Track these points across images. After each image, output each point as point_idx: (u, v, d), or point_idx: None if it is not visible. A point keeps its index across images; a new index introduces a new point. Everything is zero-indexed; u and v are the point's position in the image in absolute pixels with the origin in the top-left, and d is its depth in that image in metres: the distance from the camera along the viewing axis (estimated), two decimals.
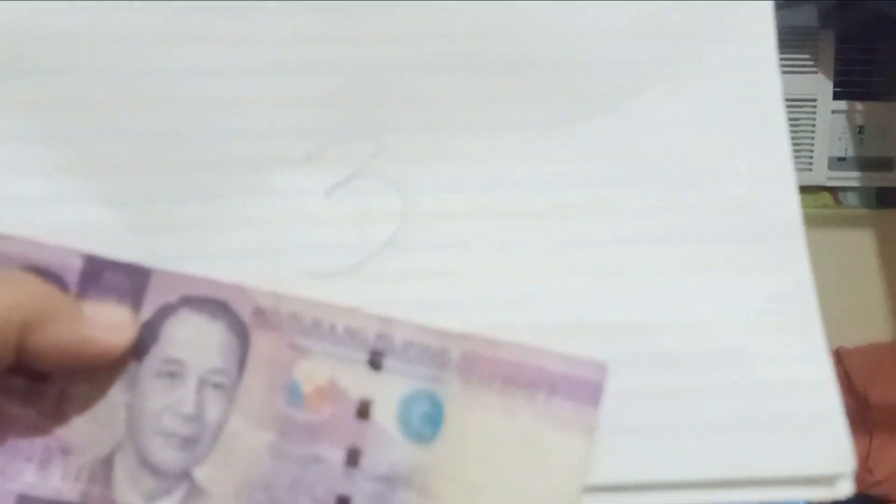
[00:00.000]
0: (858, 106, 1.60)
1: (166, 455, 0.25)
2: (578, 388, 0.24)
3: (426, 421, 0.25)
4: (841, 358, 1.79)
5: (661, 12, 0.28)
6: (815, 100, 1.56)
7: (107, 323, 0.25)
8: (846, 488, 0.26)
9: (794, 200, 0.28)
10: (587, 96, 0.28)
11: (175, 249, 0.27)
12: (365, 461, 0.25)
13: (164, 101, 0.28)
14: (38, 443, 0.25)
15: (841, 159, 1.62)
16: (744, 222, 0.28)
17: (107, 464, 0.25)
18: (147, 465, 0.25)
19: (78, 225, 0.27)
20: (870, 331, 1.84)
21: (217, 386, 0.25)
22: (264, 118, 0.28)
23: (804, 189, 0.28)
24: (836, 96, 1.57)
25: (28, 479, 0.25)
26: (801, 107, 1.55)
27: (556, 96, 0.28)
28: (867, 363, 1.77)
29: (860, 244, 1.73)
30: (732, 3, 0.29)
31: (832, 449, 0.26)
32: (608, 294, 0.27)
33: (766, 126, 0.28)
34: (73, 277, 0.26)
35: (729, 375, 0.26)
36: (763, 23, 0.29)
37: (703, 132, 0.28)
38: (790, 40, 1.49)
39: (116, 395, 0.26)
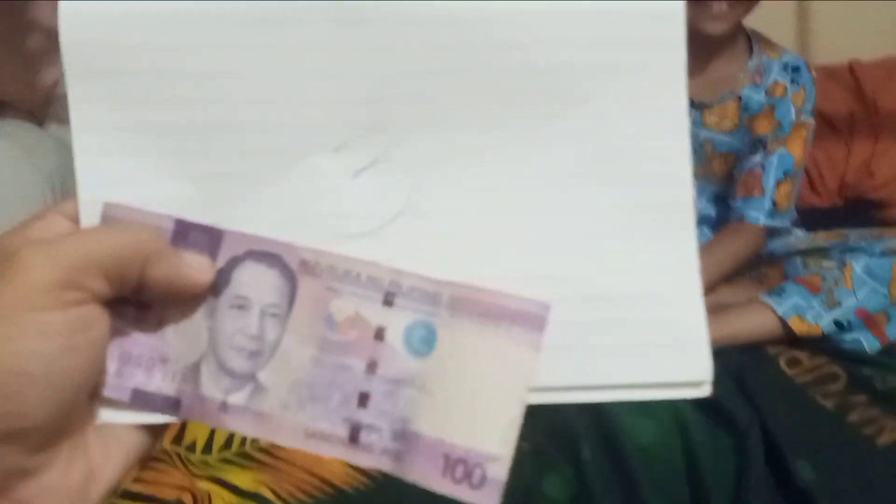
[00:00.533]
0: None
1: (238, 363, 0.35)
2: (530, 319, 0.34)
3: (423, 342, 0.35)
4: (854, 70, 1.91)
5: (600, 34, 0.36)
6: None
7: (194, 267, 0.35)
8: (707, 390, 0.36)
9: (688, 179, 0.37)
10: (553, 99, 0.37)
11: (239, 214, 0.36)
12: (380, 369, 0.35)
13: (230, 100, 0.36)
14: (144, 353, 0.35)
15: None
16: (651, 195, 0.37)
17: (195, 369, 0.35)
18: (224, 369, 0.35)
19: (168, 196, 0.36)
20: (887, 46, 1.94)
21: (273, 315, 0.35)
22: (306, 114, 0.36)
23: None
24: None
25: (138, 379, 0.35)
26: None
27: (533, 98, 0.37)
28: (880, 73, 1.89)
29: None
30: (649, 22, 0.36)
31: (698, 363, 0.36)
32: (551, 251, 0.37)
33: (672, 118, 0.37)
34: (168, 235, 0.35)
35: (633, 311, 0.36)
36: (675, 33, 0.37)
37: (627, 126, 0.37)
38: None
39: (200, 320, 0.36)
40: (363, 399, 0.35)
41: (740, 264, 1.45)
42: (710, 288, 1.37)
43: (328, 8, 0.36)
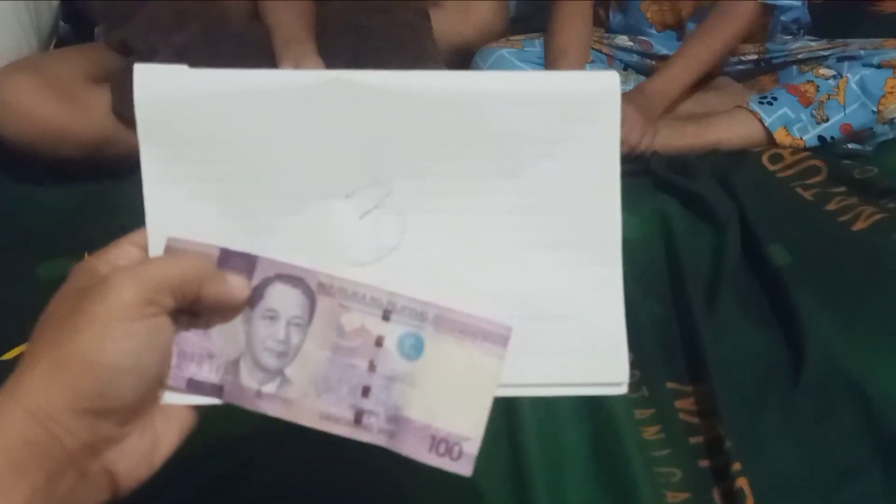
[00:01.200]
0: None
1: (269, 361, 0.46)
2: (497, 337, 0.45)
3: (413, 348, 0.46)
4: None
5: (545, 111, 0.46)
6: None
7: (234, 286, 0.45)
8: (624, 389, 0.48)
9: (617, 224, 0.47)
10: (510, 159, 0.46)
11: (269, 244, 0.46)
12: (379, 368, 0.45)
13: (261, 156, 0.46)
14: (196, 350, 0.45)
15: None
16: (587, 236, 0.47)
17: (235, 364, 0.46)
18: (259, 366, 0.46)
19: (215, 229, 0.46)
20: None
21: (297, 325, 0.45)
22: (322, 169, 0.46)
23: None
24: None
25: (191, 370, 0.46)
26: None
27: (495, 158, 0.46)
28: None
29: None
30: (589, 102, 0.46)
31: (618, 367, 0.47)
32: (509, 278, 0.47)
33: (607, 178, 0.47)
34: (214, 261, 0.45)
35: (568, 326, 0.47)
36: (610, 114, 0.46)
37: (569, 182, 0.47)
38: None
39: (238, 326, 0.46)
40: (365, 391, 0.45)
41: (727, 51, 1.45)
42: (692, 82, 1.41)
43: (334, 85, 0.45)
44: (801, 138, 1.33)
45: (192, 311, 0.45)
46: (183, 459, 0.45)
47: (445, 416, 0.45)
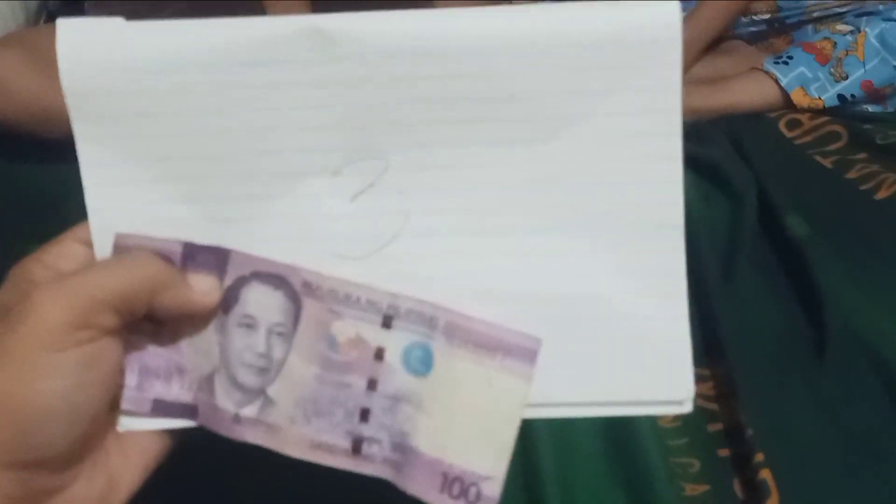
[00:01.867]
0: None
1: (248, 378, 0.38)
2: (523, 353, 0.37)
3: (421, 363, 0.38)
4: None
5: (589, 55, 0.36)
6: None
7: (201, 289, 0.37)
8: (689, 406, 0.39)
9: (679, 201, 0.38)
10: (535, 122, 0.37)
11: (240, 236, 0.38)
12: (380, 387, 0.38)
13: (228, 130, 0.37)
14: (162, 364, 0.38)
15: None
16: (641, 216, 0.38)
17: (209, 380, 0.38)
18: (236, 384, 0.38)
19: (175, 220, 0.38)
20: None
21: (279, 334, 0.38)
22: (301, 141, 0.37)
23: None
24: None
25: (158, 389, 0.38)
26: None
27: (514, 122, 0.37)
28: None
29: None
30: (645, 42, 0.36)
31: (681, 382, 0.39)
32: (539, 271, 0.38)
33: (666, 140, 0.37)
34: (176, 258, 0.37)
35: (619, 332, 0.38)
36: (671, 57, 0.36)
37: (617, 147, 0.37)
38: None
39: (211, 335, 0.38)
40: (364, 414, 0.38)
41: (738, 14, 1.38)
42: (721, 31, 1.34)
43: (314, 45, 0.36)
44: (820, 98, 1.26)
45: (155, 318, 0.37)
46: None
47: (459, 449, 0.37)
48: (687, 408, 0.39)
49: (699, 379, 0.91)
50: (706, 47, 1.33)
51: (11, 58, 1.15)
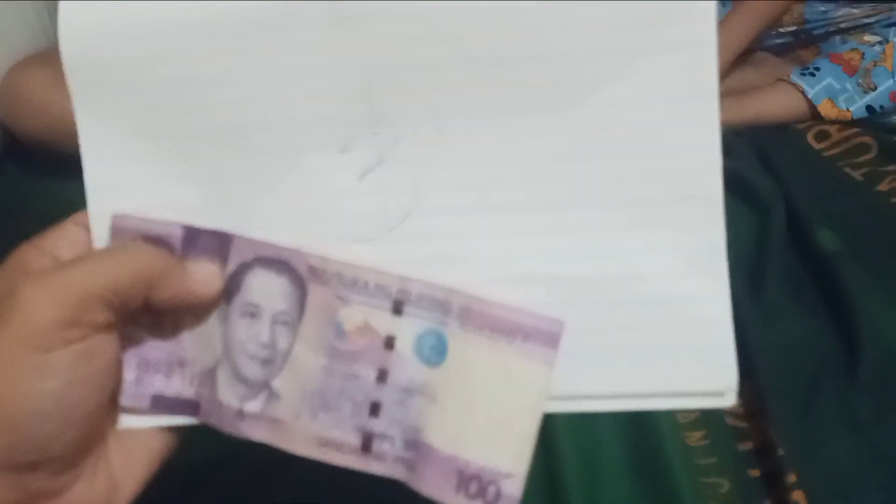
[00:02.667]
0: None
1: (251, 370, 0.36)
2: (544, 336, 0.34)
3: (434, 351, 0.35)
4: None
5: (618, 13, 0.33)
6: None
7: (202, 277, 0.35)
8: (732, 399, 0.35)
9: (717, 169, 0.34)
10: (561, 86, 0.34)
11: (243, 218, 0.36)
12: (391, 378, 0.35)
13: (228, 104, 0.35)
14: (162, 358, 0.36)
15: None
16: (676, 187, 0.35)
17: (211, 374, 0.36)
18: (239, 377, 0.36)
19: (176, 201, 0.36)
20: None
21: (284, 323, 0.35)
22: (306, 113, 0.35)
23: None
24: None
25: (157, 385, 0.36)
26: None
27: (538, 87, 0.34)
28: None
29: None
30: (681, 7, 0.33)
31: (724, 372, 0.35)
32: (569, 250, 0.35)
33: (701, 102, 0.34)
34: (176, 242, 0.35)
35: (654, 315, 0.35)
36: (706, 12, 0.34)
37: (651, 114, 0.34)
38: None
39: (214, 326, 0.36)
40: (374, 408, 0.35)
41: (780, 13, 1.36)
42: (738, 50, 1.31)
43: (319, 8, 0.34)
44: (848, 109, 1.24)
45: (155, 309, 0.35)
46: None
47: (476, 444, 0.34)
48: (730, 400, 0.35)
49: None
50: (735, 60, 1.31)
51: (41, 75, 1.17)
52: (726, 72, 1.30)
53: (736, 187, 1.13)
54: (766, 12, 1.30)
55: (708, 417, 0.86)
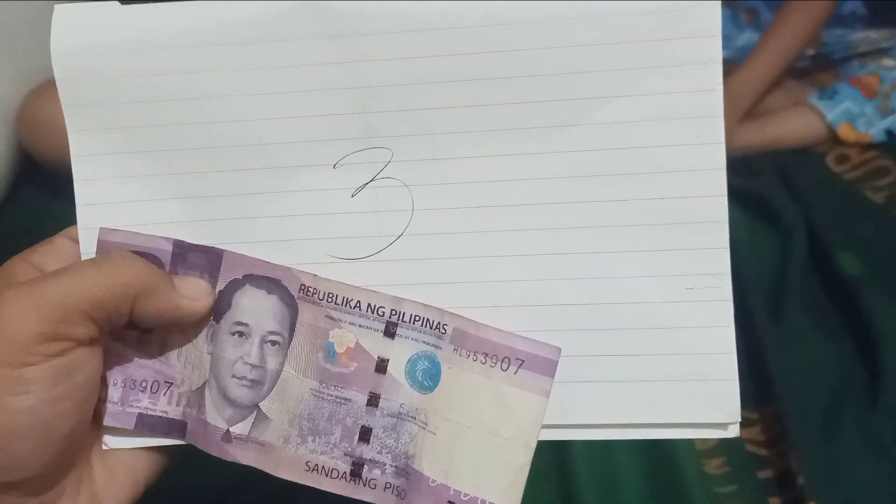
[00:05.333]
0: None
1: (239, 392, 0.35)
2: (540, 364, 0.33)
3: (427, 375, 0.34)
4: None
5: (618, 30, 0.33)
6: None
7: (191, 293, 0.34)
8: (735, 431, 0.34)
9: (723, 192, 0.34)
10: (561, 105, 0.33)
11: (233, 236, 0.35)
12: (382, 402, 0.34)
13: (220, 120, 0.34)
14: (148, 376, 0.35)
15: None
16: (679, 210, 0.34)
17: (199, 394, 0.35)
18: (226, 398, 0.35)
19: (167, 217, 0.35)
20: None
21: (274, 343, 0.35)
22: (299, 130, 0.34)
23: None
24: None
25: (143, 403, 0.35)
26: None
27: (535, 105, 0.34)
28: None
29: None
30: (684, 24, 0.33)
31: (728, 404, 0.34)
32: (567, 275, 0.34)
33: (706, 124, 0.33)
34: (166, 258, 0.35)
35: (655, 343, 0.34)
36: (711, 30, 0.33)
37: (654, 135, 0.33)
38: None
39: (202, 345, 0.35)
40: (365, 433, 0.34)
41: (809, 43, 1.34)
42: (775, 78, 1.30)
43: (313, 23, 0.33)
44: (867, 133, 1.22)
45: (142, 325, 0.34)
46: None
47: (468, 474, 0.33)
48: (732, 432, 0.34)
49: (747, 423, 0.87)
50: (767, 89, 1.29)
51: (59, 100, 1.18)
52: (755, 102, 1.28)
53: (759, 209, 1.13)
54: (789, 50, 1.29)
55: (727, 445, 0.84)
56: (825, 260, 1.05)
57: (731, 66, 1.34)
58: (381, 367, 0.34)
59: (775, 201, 1.12)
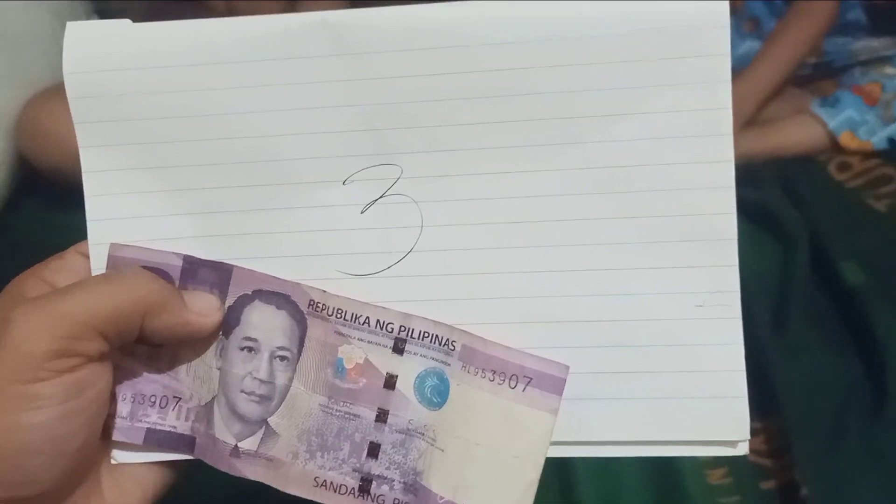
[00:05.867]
0: None
1: (248, 408, 0.35)
2: (548, 382, 0.33)
3: (435, 392, 0.34)
4: None
5: (628, 48, 0.33)
6: None
7: (201, 309, 0.34)
8: (744, 449, 0.34)
9: (732, 209, 0.34)
10: (570, 122, 0.33)
11: (243, 251, 0.35)
12: (391, 418, 0.34)
13: (230, 137, 0.34)
14: (157, 391, 0.35)
15: None
16: (689, 228, 0.34)
17: (208, 409, 0.35)
18: (236, 414, 0.35)
19: (177, 233, 0.35)
20: None
21: (283, 359, 0.35)
22: (309, 147, 0.34)
23: None
24: None
25: (152, 418, 0.35)
26: None
27: (545, 122, 0.34)
28: None
29: None
30: (691, 31, 0.33)
31: (737, 422, 0.34)
32: (575, 291, 0.34)
33: (716, 142, 0.33)
34: (175, 273, 0.35)
35: (664, 360, 0.34)
36: (719, 48, 0.33)
37: (664, 153, 0.33)
38: None
39: (211, 360, 0.35)
40: (373, 449, 0.34)
41: (811, 50, 1.34)
42: (778, 86, 1.30)
43: (324, 40, 0.33)
44: (869, 141, 1.22)
45: (151, 341, 0.34)
46: None
47: (476, 491, 0.33)
48: (742, 450, 0.34)
49: (751, 433, 0.86)
50: (769, 97, 1.29)
51: (60, 107, 1.16)
52: (758, 109, 1.28)
53: (762, 220, 1.12)
54: (791, 58, 1.29)
55: (730, 456, 0.84)
56: (828, 269, 1.04)
57: (733, 73, 1.34)
58: (390, 383, 0.34)
59: (778, 210, 1.12)
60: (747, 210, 1.12)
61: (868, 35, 1.41)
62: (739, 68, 1.32)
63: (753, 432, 0.82)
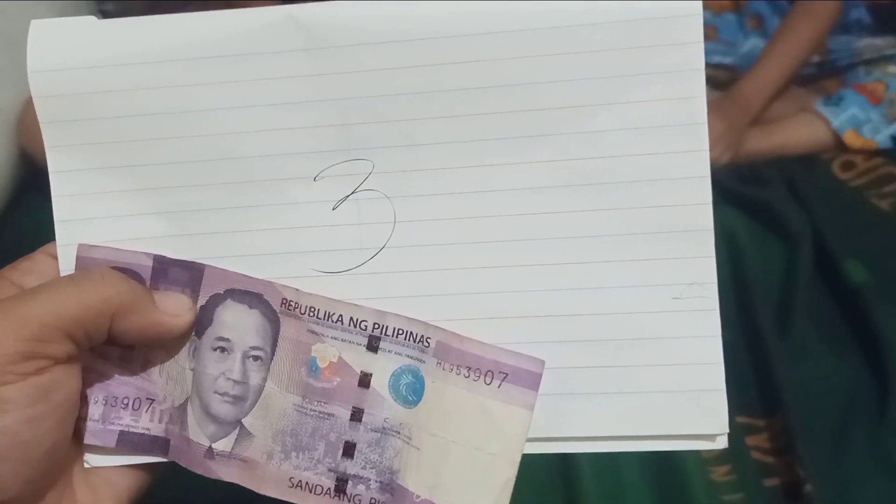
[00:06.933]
0: None
1: (222, 408, 0.35)
2: (524, 377, 0.32)
3: (410, 390, 0.34)
4: None
5: (601, 39, 0.33)
6: None
7: (172, 310, 0.34)
8: (723, 442, 0.34)
9: (707, 200, 0.33)
10: (542, 114, 0.33)
11: (214, 250, 0.35)
12: (366, 417, 0.34)
13: (200, 134, 0.34)
14: (130, 393, 0.35)
15: None
16: (664, 220, 0.33)
17: (182, 410, 0.35)
18: (209, 414, 0.35)
19: (147, 233, 0.35)
20: None
21: (256, 359, 0.34)
22: (278, 144, 0.34)
23: None
24: None
25: (125, 421, 0.35)
26: None
27: (516, 115, 0.33)
28: None
29: None
30: (666, 32, 0.32)
31: (715, 415, 0.34)
32: (550, 286, 0.34)
33: (690, 132, 0.33)
34: (146, 273, 0.34)
35: (642, 354, 0.34)
36: (693, 37, 0.33)
37: (638, 143, 0.33)
38: None
39: (184, 361, 0.35)
40: (349, 449, 0.34)
41: (815, 49, 1.34)
42: (784, 84, 1.29)
43: (294, 37, 0.33)
44: (873, 139, 1.21)
45: (123, 342, 0.34)
46: None
47: (453, 489, 0.33)
48: (721, 443, 0.34)
49: (754, 430, 0.87)
50: (775, 96, 1.28)
51: None
52: (763, 108, 1.28)
53: (765, 217, 1.12)
54: (796, 56, 1.28)
55: (733, 452, 0.83)
56: (832, 268, 1.04)
57: (738, 72, 1.33)
58: (365, 381, 0.34)
59: (781, 209, 1.12)
60: (751, 209, 1.13)
61: (872, 34, 1.40)
62: (743, 65, 1.32)
63: (757, 430, 0.82)
